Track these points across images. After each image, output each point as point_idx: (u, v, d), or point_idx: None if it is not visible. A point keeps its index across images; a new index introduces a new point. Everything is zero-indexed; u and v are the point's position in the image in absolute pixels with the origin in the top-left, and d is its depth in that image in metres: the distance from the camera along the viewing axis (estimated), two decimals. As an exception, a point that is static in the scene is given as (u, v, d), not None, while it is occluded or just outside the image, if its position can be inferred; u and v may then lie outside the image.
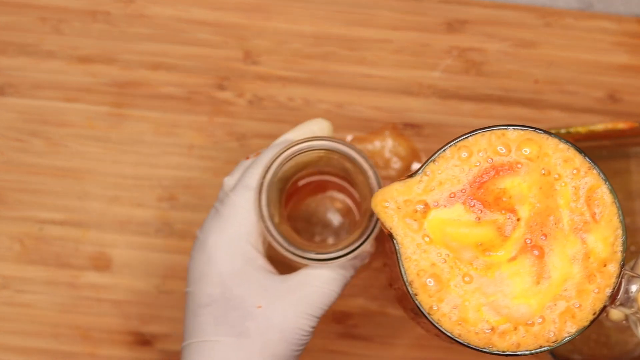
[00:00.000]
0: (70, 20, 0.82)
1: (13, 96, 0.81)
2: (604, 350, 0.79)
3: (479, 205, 0.59)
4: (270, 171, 0.65)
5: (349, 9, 0.82)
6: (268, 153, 0.67)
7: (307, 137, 0.66)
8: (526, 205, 0.58)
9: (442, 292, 0.58)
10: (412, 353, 0.80)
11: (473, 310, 0.58)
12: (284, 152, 0.65)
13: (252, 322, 0.64)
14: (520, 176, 0.59)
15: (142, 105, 0.81)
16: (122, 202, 0.81)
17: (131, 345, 0.80)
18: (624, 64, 0.82)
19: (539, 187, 0.58)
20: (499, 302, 0.58)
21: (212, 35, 0.82)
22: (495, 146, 0.59)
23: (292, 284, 0.65)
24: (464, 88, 0.81)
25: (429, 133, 0.81)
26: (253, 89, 0.81)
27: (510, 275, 0.58)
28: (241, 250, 0.65)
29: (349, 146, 0.65)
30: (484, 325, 0.58)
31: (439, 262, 0.58)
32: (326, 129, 0.68)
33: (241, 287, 0.65)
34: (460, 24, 0.82)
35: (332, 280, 0.65)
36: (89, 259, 0.80)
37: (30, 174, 0.81)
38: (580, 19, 0.82)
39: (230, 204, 0.66)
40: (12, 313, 0.80)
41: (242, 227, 0.65)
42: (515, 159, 0.59)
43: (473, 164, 0.59)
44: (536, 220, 0.58)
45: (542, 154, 0.59)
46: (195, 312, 0.65)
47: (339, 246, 0.65)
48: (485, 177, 0.59)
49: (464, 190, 0.59)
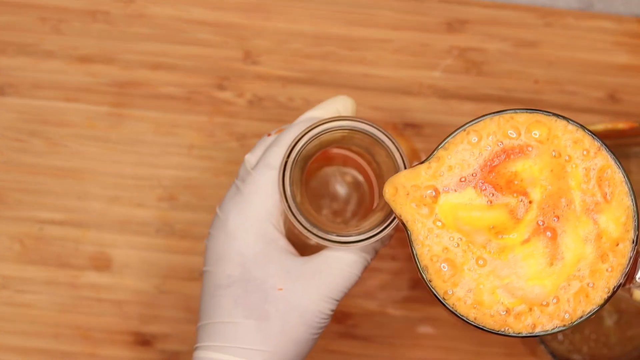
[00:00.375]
0: (70, 20, 0.82)
1: (13, 96, 0.81)
2: (604, 350, 0.79)
3: (491, 188, 0.59)
4: (294, 150, 0.63)
5: (349, 8, 0.82)
6: (291, 131, 0.65)
7: (333, 116, 0.65)
8: (538, 187, 0.58)
9: (456, 277, 0.58)
10: (412, 353, 0.80)
11: (488, 293, 0.58)
12: (309, 132, 0.63)
13: (272, 305, 0.63)
14: (532, 159, 0.59)
15: (142, 105, 0.81)
16: (122, 202, 0.81)
17: (131, 345, 0.80)
18: (624, 64, 0.82)
19: (550, 170, 0.59)
20: (513, 284, 0.58)
21: (212, 35, 0.82)
22: (505, 130, 0.59)
23: (314, 267, 0.64)
24: (464, 88, 0.82)
25: (429, 133, 0.81)
26: (253, 89, 0.81)
27: (524, 257, 0.58)
28: (263, 231, 0.64)
29: (376, 127, 0.63)
30: (499, 307, 0.58)
31: (451, 246, 0.58)
32: (350, 107, 0.67)
33: (262, 268, 0.64)
34: (460, 24, 0.82)
35: (354, 263, 0.64)
36: (89, 259, 0.80)
37: (30, 174, 0.81)
38: (580, 19, 0.82)
39: (253, 183, 0.64)
40: (12, 313, 0.80)
41: (265, 207, 0.64)
42: (525, 141, 0.59)
43: (483, 148, 0.59)
44: (548, 203, 0.58)
45: (551, 136, 0.59)
46: (214, 293, 0.64)
47: (361, 229, 0.64)
48: (497, 161, 0.59)
49: (475, 174, 0.59)
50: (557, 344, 0.79)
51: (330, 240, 0.63)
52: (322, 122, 0.64)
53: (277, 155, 0.64)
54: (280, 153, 0.64)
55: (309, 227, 0.63)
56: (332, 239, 0.63)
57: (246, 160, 0.66)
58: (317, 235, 0.63)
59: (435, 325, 0.80)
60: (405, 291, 0.81)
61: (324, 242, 0.63)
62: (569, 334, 0.79)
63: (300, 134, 0.64)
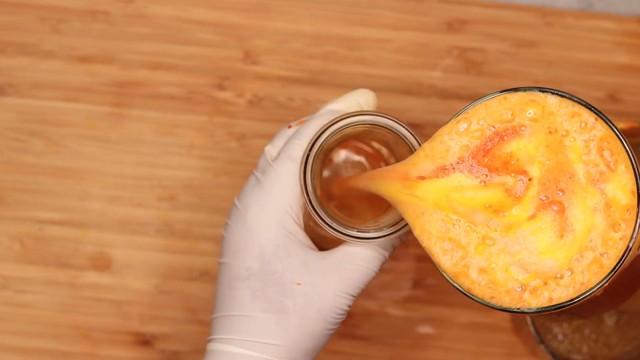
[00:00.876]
0: (69, 20, 0.82)
1: (13, 96, 0.81)
2: (604, 350, 0.79)
3: (484, 170, 0.59)
4: (317, 144, 0.63)
5: (349, 8, 0.82)
6: (312, 124, 0.64)
7: (354, 110, 0.64)
8: (536, 164, 0.58)
9: (466, 259, 0.58)
10: (412, 353, 0.80)
11: (501, 271, 0.58)
12: (331, 125, 0.63)
13: (290, 299, 0.63)
14: (526, 137, 0.59)
15: (142, 105, 0.81)
16: (122, 202, 0.81)
17: (131, 345, 0.80)
18: (624, 64, 0.82)
19: (546, 145, 0.58)
20: (525, 260, 0.58)
21: (212, 35, 0.82)
22: (497, 113, 0.59)
23: (332, 262, 0.64)
24: (464, 88, 0.81)
25: (429, 133, 0.81)
26: (253, 89, 0.81)
27: (533, 232, 0.58)
28: (283, 224, 0.63)
29: (398, 122, 0.63)
30: (514, 284, 0.58)
31: (450, 228, 0.58)
32: (371, 100, 0.66)
33: (282, 262, 0.63)
34: (460, 24, 0.82)
35: (372, 259, 0.64)
36: (89, 259, 0.80)
37: (30, 174, 0.81)
38: (580, 18, 0.82)
39: (273, 175, 0.64)
40: (12, 313, 0.80)
41: (285, 199, 0.63)
42: (518, 122, 0.59)
43: (473, 136, 0.59)
44: (549, 177, 0.58)
45: (546, 114, 0.59)
46: (231, 285, 0.64)
47: (380, 224, 0.63)
48: (490, 144, 0.59)
49: (461, 160, 0.59)
50: (557, 344, 0.79)
51: (351, 236, 0.62)
52: (344, 117, 0.63)
53: (299, 147, 0.64)
54: (302, 145, 0.64)
55: (329, 221, 0.62)
56: (352, 234, 0.62)
57: (266, 151, 0.65)
58: (338, 230, 0.62)
59: (435, 325, 0.80)
60: (405, 291, 0.81)
61: (344, 237, 0.63)
62: (569, 334, 0.79)
63: (323, 127, 0.63)
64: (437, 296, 0.80)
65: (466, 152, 0.59)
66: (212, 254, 0.80)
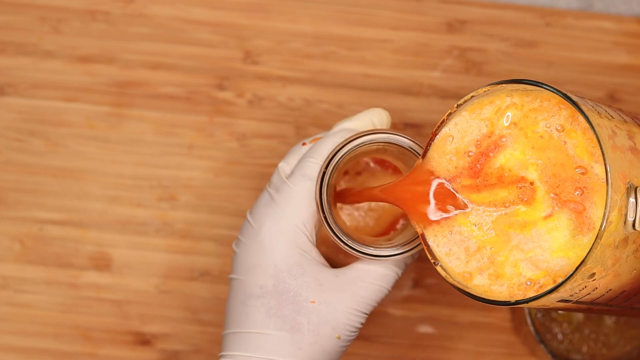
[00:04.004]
0: (69, 19, 0.82)
1: (12, 96, 0.81)
2: (604, 350, 0.79)
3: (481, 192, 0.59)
4: (332, 162, 0.63)
5: (349, 8, 0.82)
6: (327, 142, 0.65)
7: (369, 129, 0.65)
8: (530, 167, 0.58)
9: (477, 254, 0.59)
10: (412, 353, 0.80)
11: (510, 266, 0.58)
12: (346, 144, 0.63)
13: (304, 317, 0.63)
14: (509, 147, 0.59)
15: (142, 105, 0.81)
16: (122, 202, 0.81)
17: (131, 345, 0.80)
18: (624, 64, 0.82)
19: (531, 147, 0.58)
20: (537, 257, 0.58)
21: (212, 35, 0.82)
22: (474, 129, 0.59)
23: (346, 280, 0.64)
24: (464, 88, 0.82)
25: (429, 133, 0.81)
26: (253, 89, 0.81)
27: (548, 231, 0.57)
28: (297, 242, 0.64)
29: (412, 140, 0.64)
30: (521, 279, 0.58)
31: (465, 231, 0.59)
32: (385, 119, 0.67)
33: (296, 280, 0.63)
34: (460, 24, 0.82)
35: (385, 277, 0.64)
36: (89, 259, 0.80)
37: (30, 174, 0.81)
38: (580, 18, 0.82)
39: (288, 193, 0.64)
40: (12, 313, 0.80)
41: (299, 217, 0.64)
42: (497, 134, 0.59)
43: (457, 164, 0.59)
44: (548, 174, 0.57)
45: (526, 113, 0.58)
46: (245, 302, 0.64)
47: (394, 242, 0.64)
48: (479, 166, 0.59)
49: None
50: (556, 344, 0.79)
51: (366, 254, 0.63)
52: (359, 135, 0.63)
53: (313, 166, 0.64)
54: (317, 164, 0.64)
55: (345, 239, 0.63)
56: (367, 252, 0.63)
57: (280, 168, 0.65)
58: (353, 248, 0.63)
59: (435, 325, 0.80)
60: (405, 291, 0.81)
61: (359, 254, 0.63)
62: (569, 334, 0.79)
63: (339, 146, 0.63)
64: (437, 296, 0.80)
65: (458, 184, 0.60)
66: (213, 254, 0.80)
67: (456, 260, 0.60)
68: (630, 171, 0.55)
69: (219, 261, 0.80)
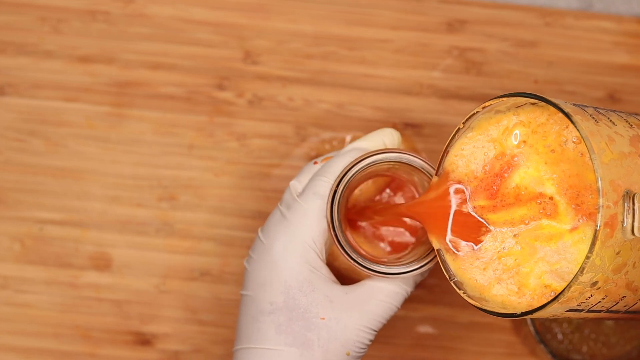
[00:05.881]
0: (69, 19, 0.82)
1: (12, 96, 0.81)
2: (604, 350, 0.79)
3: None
4: (343, 181, 0.64)
5: (349, 8, 0.82)
6: (338, 161, 0.66)
7: (380, 148, 0.66)
8: (545, 183, 0.58)
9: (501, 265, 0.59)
10: (412, 353, 0.80)
11: (535, 277, 0.58)
12: (357, 163, 0.64)
13: (314, 333, 0.64)
14: (522, 166, 0.59)
15: (142, 105, 0.81)
16: (122, 202, 0.81)
17: (131, 345, 0.80)
18: (624, 64, 0.82)
19: (544, 163, 0.58)
20: (563, 269, 0.57)
21: (212, 35, 0.82)
22: (485, 151, 0.59)
23: (356, 297, 0.65)
24: (464, 88, 0.82)
25: (429, 133, 0.81)
26: (253, 89, 0.81)
27: (574, 244, 0.57)
28: (307, 259, 0.65)
29: (422, 159, 0.64)
30: (544, 290, 0.58)
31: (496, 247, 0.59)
32: (397, 140, 0.68)
33: (307, 297, 0.65)
34: (460, 24, 0.82)
35: (395, 295, 0.65)
36: (89, 259, 0.80)
37: (30, 174, 0.81)
38: (580, 18, 0.82)
39: (300, 211, 0.65)
40: (12, 313, 0.80)
41: (309, 235, 0.65)
42: (509, 154, 0.59)
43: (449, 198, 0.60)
44: (565, 187, 0.57)
45: (532, 129, 0.58)
46: (256, 318, 0.65)
47: (404, 260, 0.65)
48: (495, 187, 0.59)
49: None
50: (556, 344, 0.79)
51: (375, 271, 0.64)
52: (370, 154, 0.64)
53: (325, 184, 0.65)
54: (329, 183, 0.65)
55: (355, 257, 0.64)
56: (377, 269, 0.64)
57: (292, 186, 0.67)
58: (363, 266, 0.64)
59: (435, 325, 0.80)
60: (405, 291, 0.81)
61: (369, 272, 0.64)
62: (569, 334, 0.79)
63: (350, 165, 0.64)
64: (437, 296, 0.80)
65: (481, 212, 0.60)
66: (213, 254, 0.80)
67: (474, 270, 0.60)
68: (629, 177, 0.55)
69: (219, 261, 0.80)
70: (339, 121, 0.81)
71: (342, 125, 0.81)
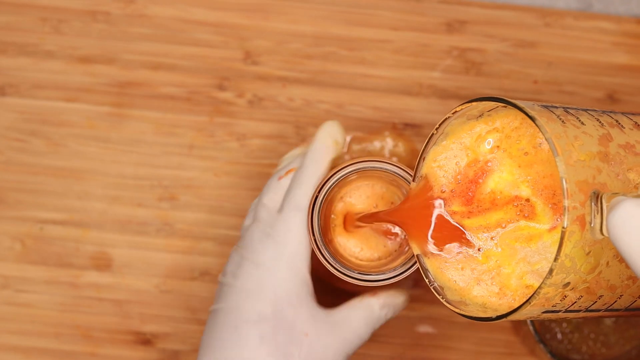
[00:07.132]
0: (70, 20, 0.82)
1: (13, 96, 0.81)
2: (603, 349, 0.79)
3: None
4: (322, 191, 0.65)
5: (349, 9, 0.82)
6: (307, 171, 0.67)
7: (359, 158, 0.66)
8: (520, 186, 0.58)
9: (481, 267, 0.59)
10: (412, 352, 0.80)
11: (516, 278, 0.58)
12: (335, 174, 0.65)
13: (296, 348, 0.65)
14: (496, 171, 0.59)
15: (142, 105, 0.81)
16: (122, 202, 0.81)
17: (132, 344, 0.80)
18: (624, 64, 0.82)
19: (518, 166, 0.59)
20: (544, 269, 0.58)
21: (212, 35, 0.82)
22: (458, 159, 0.60)
23: (336, 321, 0.66)
24: (463, 88, 0.82)
25: (429, 133, 0.81)
26: (253, 89, 0.82)
27: (554, 243, 0.58)
28: (297, 272, 0.66)
29: (401, 167, 0.65)
30: (526, 290, 0.58)
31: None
32: (336, 128, 0.69)
33: (294, 310, 0.65)
34: (460, 24, 0.82)
35: (371, 321, 0.67)
36: (90, 259, 0.80)
37: (30, 174, 0.81)
38: (579, 19, 0.82)
39: (284, 225, 0.66)
40: (13, 313, 0.80)
41: (296, 250, 0.66)
42: (482, 160, 0.59)
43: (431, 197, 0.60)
44: (540, 189, 0.58)
45: (507, 133, 0.59)
46: (239, 327, 0.65)
47: (383, 269, 0.66)
48: (470, 194, 0.60)
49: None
50: (556, 343, 0.79)
51: (355, 278, 0.65)
52: (347, 164, 0.65)
53: (303, 196, 0.66)
54: (306, 194, 0.66)
55: (338, 267, 0.65)
56: (355, 276, 0.65)
57: (266, 204, 0.67)
58: (343, 273, 0.65)
59: (435, 325, 0.80)
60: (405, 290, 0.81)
61: (349, 279, 0.65)
62: (568, 333, 0.79)
63: (326, 177, 0.65)
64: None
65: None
66: (213, 254, 0.81)
67: (453, 272, 0.60)
68: (597, 178, 0.54)
69: (219, 261, 0.80)
70: (339, 121, 0.81)
71: (342, 125, 0.81)
